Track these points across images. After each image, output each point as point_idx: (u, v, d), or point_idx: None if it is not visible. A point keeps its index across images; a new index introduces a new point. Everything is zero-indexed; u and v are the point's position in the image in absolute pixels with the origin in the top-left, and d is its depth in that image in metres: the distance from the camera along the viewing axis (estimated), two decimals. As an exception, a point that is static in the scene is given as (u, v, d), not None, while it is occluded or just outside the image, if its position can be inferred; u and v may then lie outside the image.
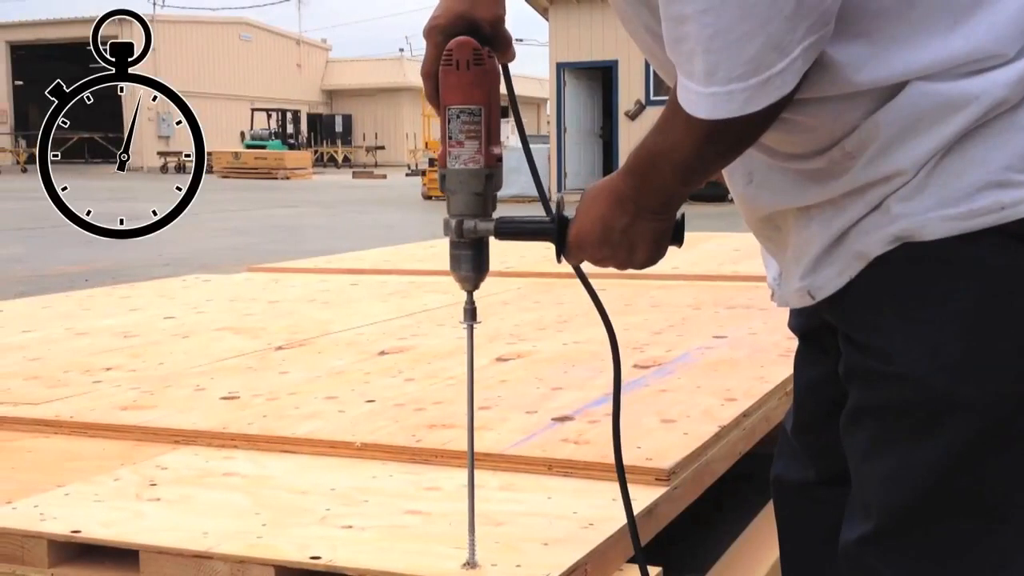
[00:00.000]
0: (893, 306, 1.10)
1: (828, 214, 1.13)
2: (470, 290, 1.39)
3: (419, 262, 5.20)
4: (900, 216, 1.08)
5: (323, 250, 7.70)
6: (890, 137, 1.07)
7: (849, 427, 1.17)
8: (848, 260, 1.12)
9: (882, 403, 1.12)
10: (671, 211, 1.21)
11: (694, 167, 1.14)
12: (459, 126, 1.31)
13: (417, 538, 1.55)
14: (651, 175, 1.17)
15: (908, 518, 1.12)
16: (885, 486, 1.13)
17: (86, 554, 1.62)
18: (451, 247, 1.38)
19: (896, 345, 1.09)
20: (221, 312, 3.76)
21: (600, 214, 1.22)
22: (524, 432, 2.04)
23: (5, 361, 2.89)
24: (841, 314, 1.16)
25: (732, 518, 2.61)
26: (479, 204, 1.35)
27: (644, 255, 1.23)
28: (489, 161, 1.33)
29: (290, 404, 2.32)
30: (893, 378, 1.10)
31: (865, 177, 1.09)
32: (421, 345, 2.98)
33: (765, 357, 2.74)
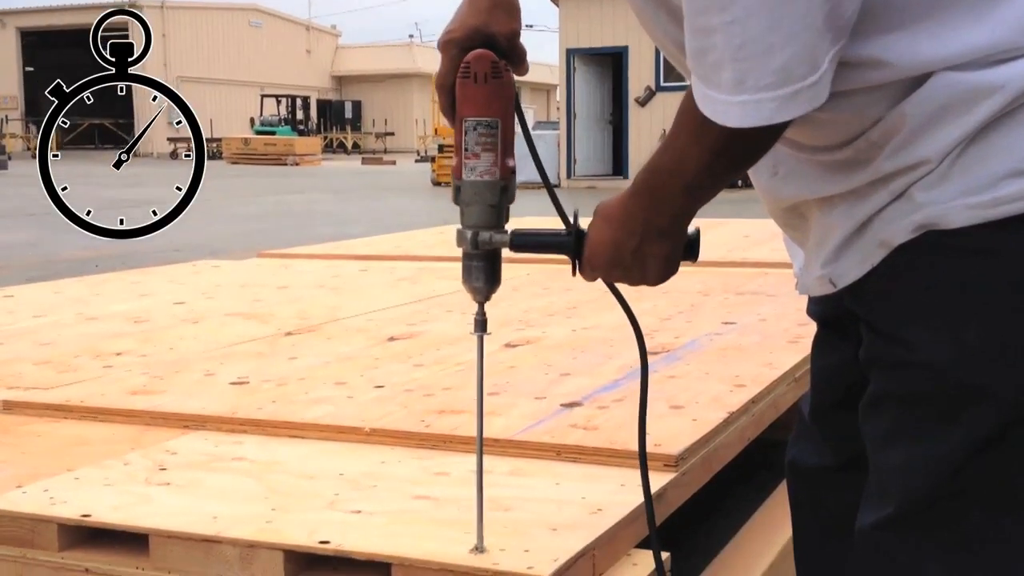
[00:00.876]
0: (916, 294, 1.10)
1: (851, 202, 1.13)
2: (481, 301, 1.39)
3: (428, 248, 5.20)
4: (924, 204, 1.08)
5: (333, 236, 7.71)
6: (915, 127, 1.06)
7: (869, 414, 1.17)
8: (871, 248, 1.12)
9: (903, 391, 1.12)
10: (681, 229, 1.22)
11: (702, 183, 1.14)
12: (475, 138, 1.31)
13: (426, 523, 1.55)
14: (659, 193, 1.18)
15: (927, 505, 1.11)
16: (904, 473, 1.13)
17: (96, 538, 1.62)
18: (464, 258, 1.37)
19: (919, 333, 1.09)
20: (231, 298, 3.76)
21: (611, 237, 1.23)
22: (533, 418, 2.04)
23: (16, 346, 2.90)
24: (863, 302, 1.16)
25: (741, 504, 2.61)
26: (494, 216, 1.35)
27: (656, 274, 1.24)
28: (504, 173, 1.33)
29: (299, 389, 2.32)
30: (915, 366, 1.10)
31: (889, 166, 1.09)
32: (430, 331, 2.98)
33: (774, 343, 2.73)
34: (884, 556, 1.15)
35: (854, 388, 1.22)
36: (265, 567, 1.49)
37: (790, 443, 1.47)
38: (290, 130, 37.19)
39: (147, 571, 1.56)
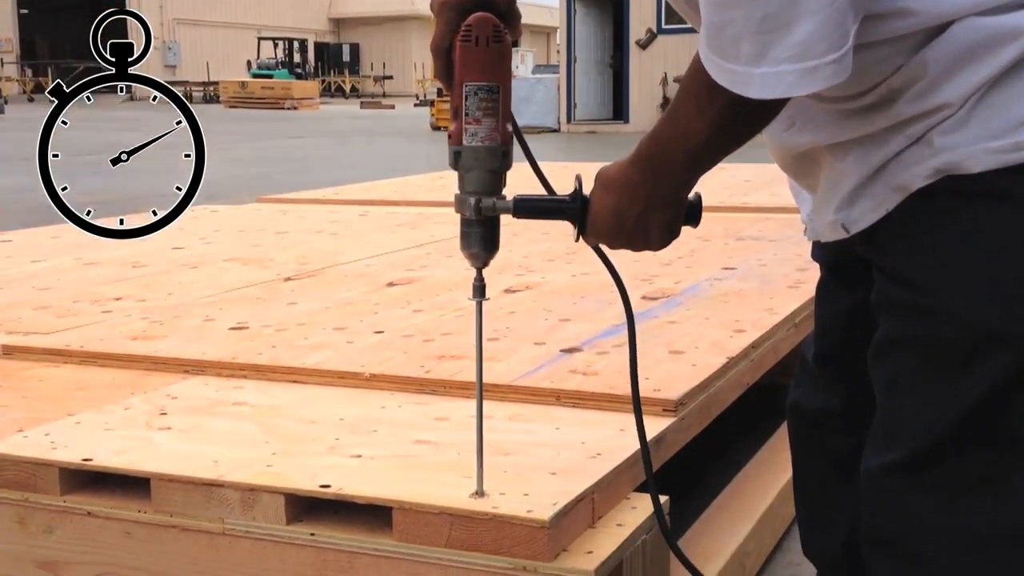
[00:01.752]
0: (931, 239, 1.09)
1: (867, 147, 1.12)
2: (479, 267, 1.38)
3: (428, 193, 5.18)
4: (943, 149, 1.07)
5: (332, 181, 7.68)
6: (937, 73, 1.06)
7: (879, 358, 1.17)
8: (886, 193, 1.11)
9: (916, 336, 1.12)
10: (683, 197, 1.22)
11: (704, 154, 1.15)
12: (476, 103, 1.30)
13: (426, 467, 1.56)
14: (661, 163, 1.18)
15: (937, 450, 1.12)
16: (914, 417, 1.13)
17: (97, 482, 1.63)
18: (463, 225, 1.36)
19: (933, 278, 1.09)
20: (230, 243, 3.75)
21: (612, 205, 1.24)
22: (532, 363, 2.04)
23: (15, 291, 2.90)
24: (876, 247, 1.15)
25: (739, 448, 2.62)
26: (494, 182, 1.34)
27: (659, 240, 1.25)
28: (505, 138, 1.32)
29: (299, 335, 2.32)
30: (929, 311, 1.09)
31: (908, 111, 1.08)
32: (429, 276, 2.98)
33: (774, 289, 2.73)
34: (891, 499, 1.16)
35: (861, 333, 1.22)
36: (266, 511, 1.50)
37: (792, 386, 1.48)
38: (287, 73, 36.88)
39: (149, 514, 1.57)
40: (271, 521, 1.50)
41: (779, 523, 2.28)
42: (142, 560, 1.59)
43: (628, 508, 1.55)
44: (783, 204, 4.20)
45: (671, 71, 18.02)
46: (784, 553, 2.28)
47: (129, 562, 1.60)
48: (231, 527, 1.52)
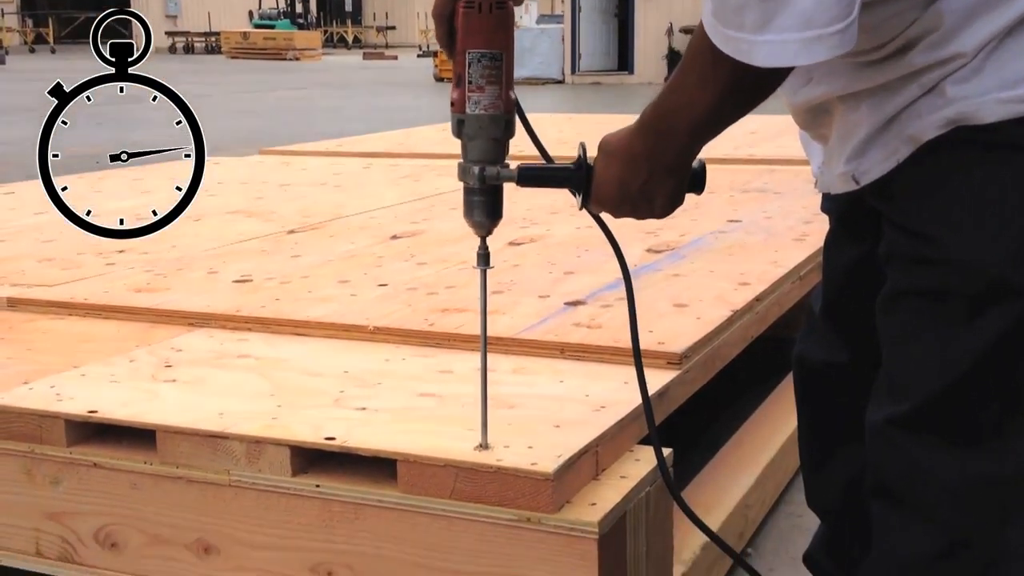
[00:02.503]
0: (943, 190, 1.08)
1: (879, 97, 1.11)
2: (483, 236, 1.38)
3: (432, 145, 5.15)
4: (956, 99, 1.06)
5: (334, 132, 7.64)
6: (952, 23, 1.05)
7: (887, 310, 1.17)
8: (898, 144, 1.10)
9: (925, 287, 1.11)
10: (686, 165, 1.22)
11: (708, 123, 1.15)
12: (480, 70, 1.29)
13: (430, 420, 1.57)
14: (665, 133, 1.18)
15: (943, 401, 1.12)
16: (921, 369, 1.13)
17: (103, 434, 1.64)
18: (466, 193, 1.36)
19: (945, 229, 1.08)
20: (233, 195, 3.74)
21: (616, 175, 1.24)
22: (537, 316, 2.04)
23: (19, 243, 2.89)
24: (887, 198, 1.14)
25: (743, 401, 2.63)
26: (498, 150, 1.33)
27: (662, 209, 1.26)
28: (508, 106, 1.32)
29: (303, 287, 2.32)
30: (939, 262, 1.09)
31: (922, 60, 1.07)
32: (433, 229, 2.97)
33: (779, 241, 2.72)
34: (897, 451, 1.16)
35: (869, 285, 1.22)
36: (272, 462, 1.51)
37: (799, 338, 1.48)
38: (289, 24, 36.59)
39: (155, 466, 1.58)
40: (277, 473, 1.51)
41: (782, 475, 2.29)
42: (148, 511, 1.60)
43: (632, 460, 1.56)
44: (789, 156, 4.18)
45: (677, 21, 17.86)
46: (786, 505, 2.29)
47: (135, 512, 1.61)
48: (237, 479, 1.53)
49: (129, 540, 1.62)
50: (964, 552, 1.14)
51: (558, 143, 5.68)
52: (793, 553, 2.06)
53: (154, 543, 1.61)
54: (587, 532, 1.37)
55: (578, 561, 1.37)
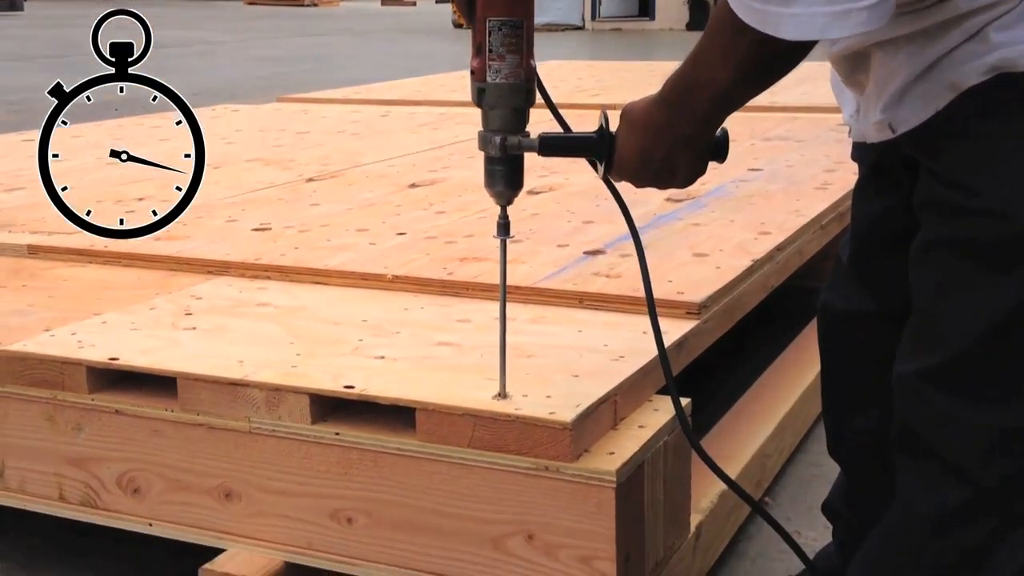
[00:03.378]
0: (982, 139, 1.07)
1: (920, 43, 1.09)
2: (504, 205, 1.38)
3: (450, 93, 5.12)
4: (1000, 45, 1.04)
5: (352, 80, 7.60)
6: None
7: (919, 259, 1.16)
8: (937, 91, 1.08)
9: (961, 236, 1.10)
10: (708, 136, 1.22)
11: (730, 97, 1.15)
12: (500, 39, 1.28)
13: (449, 369, 1.57)
14: (686, 105, 1.18)
15: (975, 354, 1.11)
16: (954, 320, 1.11)
17: (124, 381, 1.65)
18: (487, 163, 1.35)
19: (983, 179, 1.06)
20: (251, 143, 3.73)
21: (638, 145, 1.24)
22: (555, 265, 2.03)
23: (38, 191, 2.88)
24: (924, 146, 1.13)
25: (763, 351, 2.62)
26: (519, 119, 1.33)
27: (684, 178, 1.26)
28: (529, 74, 1.31)
29: (321, 236, 2.32)
30: (977, 212, 1.07)
31: (967, 5, 1.05)
32: (452, 177, 2.96)
33: (801, 190, 2.70)
34: (927, 404, 1.15)
35: (900, 235, 1.21)
36: (291, 410, 1.52)
37: (825, 287, 1.47)
38: (307, -31, 36.23)
39: (176, 413, 1.59)
40: (296, 421, 1.52)
41: (800, 425, 2.29)
42: (170, 457, 1.61)
43: (650, 410, 1.56)
44: (812, 104, 4.13)
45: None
46: (804, 454, 2.29)
47: (158, 459, 1.62)
48: (257, 426, 1.54)
49: (151, 486, 1.64)
50: (989, 506, 1.14)
51: (576, 91, 5.63)
52: (810, 502, 2.06)
53: (176, 489, 1.62)
54: (605, 481, 1.37)
55: (595, 510, 1.38)
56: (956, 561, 1.17)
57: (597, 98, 4.73)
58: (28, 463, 1.72)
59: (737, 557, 1.89)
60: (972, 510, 1.14)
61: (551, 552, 1.41)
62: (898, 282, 1.22)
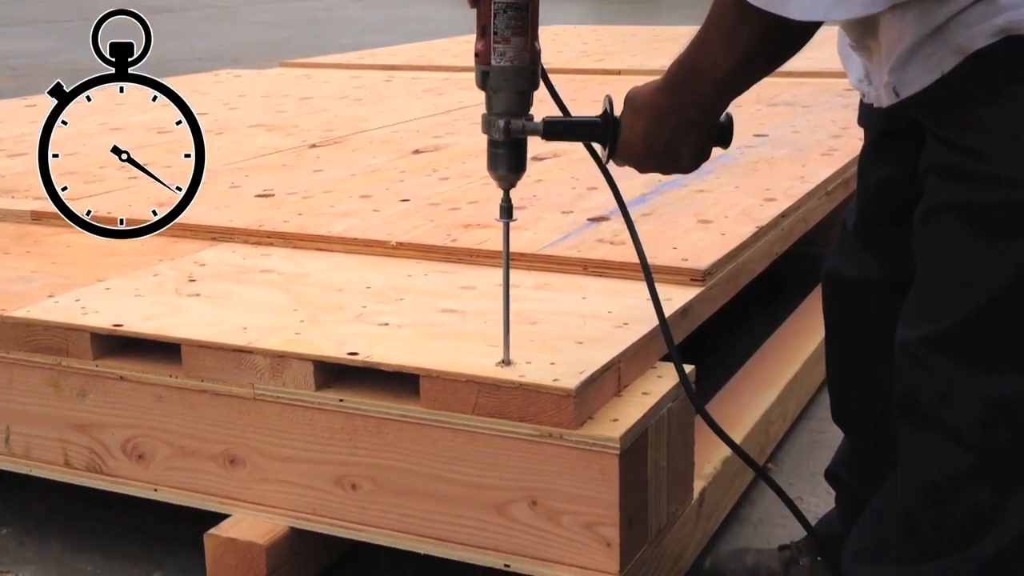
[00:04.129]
0: (989, 102, 1.06)
1: (927, 5, 1.07)
2: (507, 188, 1.38)
3: (454, 58, 5.08)
4: (1008, 7, 1.03)
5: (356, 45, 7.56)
6: None
7: (924, 224, 1.15)
8: (944, 54, 1.07)
9: (967, 201, 1.09)
10: (712, 121, 1.24)
11: (733, 81, 1.16)
12: (505, 21, 1.27)
13: (452, 336, 1.57)
14: (690, 91, 1.19)
15: (978, 322, 1.10)
16: (958, 286, 1.11)
17: (129, 347, 1.65)
18: (490, 146, 1.35)
19: (990, 144, 1.06)
20: (254, 108, 3.72)
21: (643, 131, 1.25)
22: (559, 232, 2.03)
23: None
24: (931, 110, 1.12)
25: (767, 318, 2.62)
26: (523, 102, 1.32)
27: (688, 163, 1.27)
28: (534, 57, 1.30)
29: (325, 202, 2.31)
30: (983, 176, 1.07)
31: None
32: (456, 143, 2.95)
33: (806, 156, 2.68)
34: (929, 372, 1.15)
35: (906, 203, 1.20)
36: (295, 376, 1.52)
37: (830, 253, 1.46)
38: (310, -67, 35.98)
39: (180, 379, 1.59)
40: (300, 387, 1.52)
41: (804, 391, 2.30)
42: (174, 423, 1.62)
43: (654, 377, 1.56)
44: (818, 69, 4.10)
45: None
46: (808, 420, 2.30)
47: (162, 425, 1.63)
48: (261, 392, 1.55)
49: (156, 452, 1.65)
50: (990, 473, 1.14)
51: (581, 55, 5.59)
52: (813, 468, 2.07)
53: (180, 455, 1.63)
54: (608, 448, 1.37)
55: (599, 476, 1.38)
56: (958, 527, 1.17)
57: (602, 63, 4.69)
58: (33, 429, 1.73)
59: (740, 523, 1.90)
60: (972, 477, 1.14)
61: (554, 518, 1.42)
62: (903, 250, 1.21)
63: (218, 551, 1.57)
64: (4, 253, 2.07)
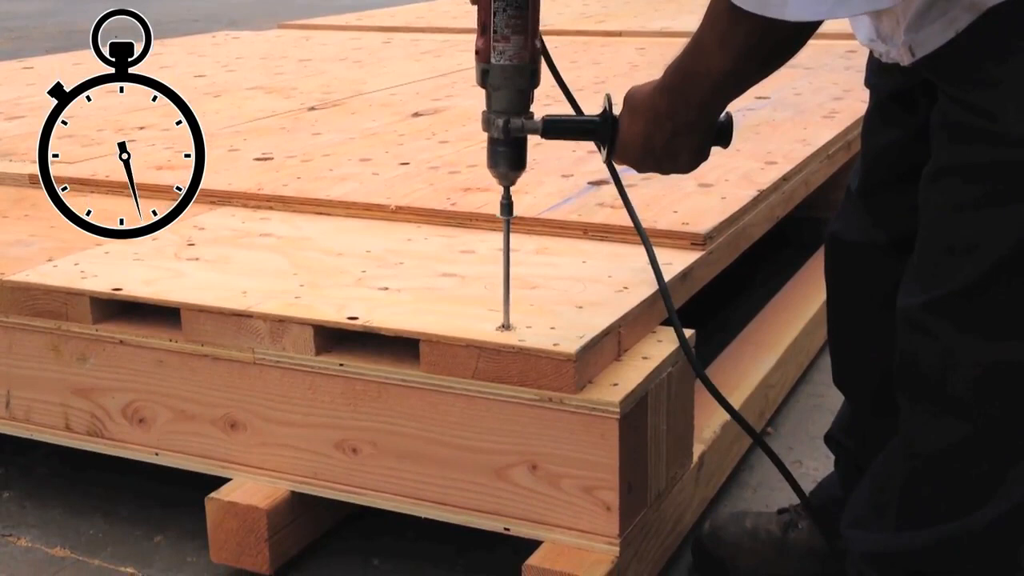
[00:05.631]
0: (1002, 62, 1.04)
1: None
2: (507, 186, 1.38)
3: (453, 19, 5.05)
4: None
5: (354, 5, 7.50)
6: None
7: (932, 184, 1.13)
8: (958, 12, 1.05)
9: (976, 161, 1.08)
10: (711, 121, 1.23)
11: (730, 84, 1.15)
12: (505, 20, 1.27)
13: (452, 300, 1.56)
14: (688, 93, 1.19)
15: (982, 284, 1.09)
16: (963, 249, 1.09)
17: (128, 311, 1.65)
18: (490, 144, 1.35)
19: (1001, 102, 1.04)
20: (252, 71, 3.69)
21: (641, 131, 1.25)
22: (559, 196, 2.02)
23: (38, 119, 2.87)
24: (943, 69, 1.10)
25: (768, 282, 2.62)
26: (523, 101, 1.33)
27: (687, 164, 1.27)
28: (534, 55, 1.30)
29: (324, 166, 2.30)
30: (993, 136, 1.05)
31: None
32: (455, 106, 2.93)
33: (808, 119, 2.67)
34: (931, 338, 1.14)
35: (910, 166, 1.19)
36: (295, 341, 1.52)
37: (834, 217, 1.46)
38: None
39: (180, 343, 1.59)
40: (300, 351, 1.52)
41: (803, 356, 2.30)
42: (175, 387, 1.62)
43: (654, 341, 1.56)
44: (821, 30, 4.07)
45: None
46: (807, 385, 2.30)
47: (162, 389, 1.63)
48: (261, 357, 1.55)
49: (157, 416, 1.65)
50: (990, 441, 1.13)
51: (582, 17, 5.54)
52: (813, 432, 2.08)
53: (181, 419, 1.63)
54: (608, 412, 1.37)
55: (599, 440, 1.38)
56: (956, 496, 1.17)
57: (603, 24, 4.66)
58: (34, 393, 1.73)
59: (739, 487, 1.91)
60: (972, 445, 1.14)
61: (554, 482, 1.42)
62: (906, 213, 1.20)
63: (219, 515, 1.58)
64: (2, 217, 2.07)
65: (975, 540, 1.17)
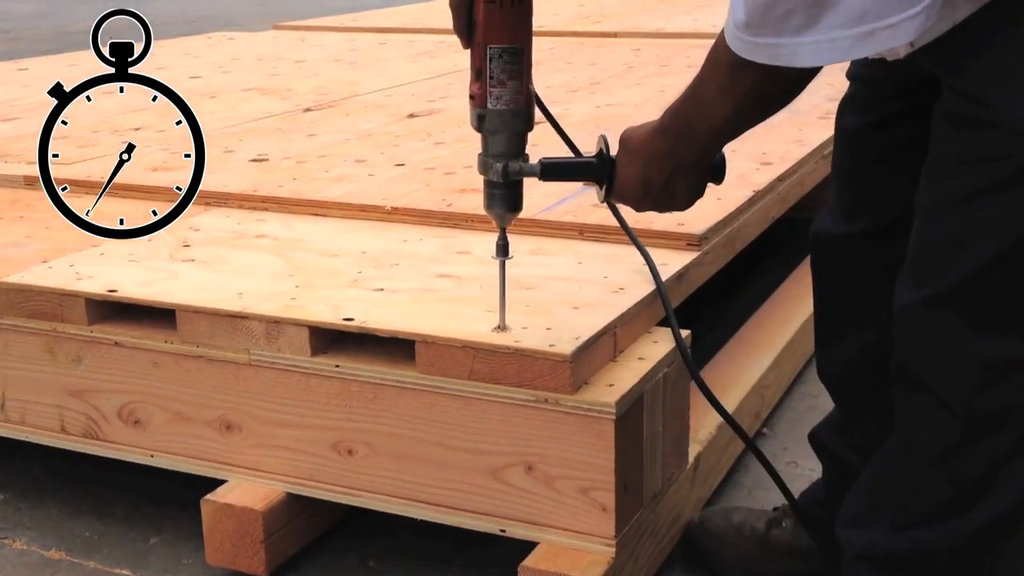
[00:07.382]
0: (999, 52, 1.04)
1: None
2: (503, 227, 1.39)
3: (449, 21, 5.03)
4: None
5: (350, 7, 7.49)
6: None
7: (930, 175, 1.13)
8: (957, 3, 1.05)
9: (972, 151, 1.07)
10: (707, 163, 1.25)
11: (729, 129, 1.17)
12: (501, 66, 1.29)
13: (448, 301, 1.56)
14: (686, 137, 1.21)
15: (979, 280, 1.08)
16: (959, 243, 1.09)
17: (124, 313, 1.65)
18: (487, 186, 1.37)
19: (1000, 92, 1.04)
20: (248, 72, 3.69)
21: (639, 174, 1.27)
22: (555, 196, 2.02)
23: (33, 121, 2.87)
24: (942, 59, 1.10)
25: (763, 282, 2.62)
26: (519, 144, 1.35)
27: (684, 202, 1.29)
28: (529, 100, 1.32)
29: (319, 167, 2.30)
30: (989, 126, 1.05)
31: None
32: (451, 108, 2.93)
33: (803, 120, 2.67)
34: (927, 334, 1.13)
35: (887, 149, 1.20)
36: (291, 342, 1.52)
37: (818, 214, 1.47)
38: None
39: (176, 345, 1.59)
40: (296, 353, 1.52)
41: (799, 356, 2.30)
42: (170, 389, 1.62)
43: (650, 342, 1.56)
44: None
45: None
46: (803, 385, 2.30)
47: (157, 390, 1.63)
48: (257, 358, 1.54)
49: (152, 417, 1.65)
50: (987, 440, 1.13)
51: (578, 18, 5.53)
52: (808, 433, 2.08)
53: (177, 420, 1.63)
54: (604, 413, 1.37)
55: (595, 441, 1.38)
56: (953, 495, 1.17)
57: (598, 25, 4.66)
58: (29, 395, 1.73)
59: (734, 487, 1.91)
60: (969, 442, 1.14)
61: (550, 483, 1.42)
62: (885, 196, 1.22)
63: (215, 517, 1.57)
64: (-3, 218, 2.06)
65: (971, 539, 1.17)
